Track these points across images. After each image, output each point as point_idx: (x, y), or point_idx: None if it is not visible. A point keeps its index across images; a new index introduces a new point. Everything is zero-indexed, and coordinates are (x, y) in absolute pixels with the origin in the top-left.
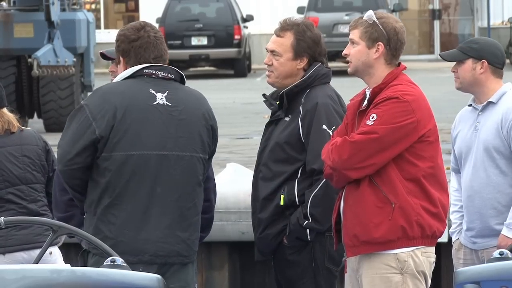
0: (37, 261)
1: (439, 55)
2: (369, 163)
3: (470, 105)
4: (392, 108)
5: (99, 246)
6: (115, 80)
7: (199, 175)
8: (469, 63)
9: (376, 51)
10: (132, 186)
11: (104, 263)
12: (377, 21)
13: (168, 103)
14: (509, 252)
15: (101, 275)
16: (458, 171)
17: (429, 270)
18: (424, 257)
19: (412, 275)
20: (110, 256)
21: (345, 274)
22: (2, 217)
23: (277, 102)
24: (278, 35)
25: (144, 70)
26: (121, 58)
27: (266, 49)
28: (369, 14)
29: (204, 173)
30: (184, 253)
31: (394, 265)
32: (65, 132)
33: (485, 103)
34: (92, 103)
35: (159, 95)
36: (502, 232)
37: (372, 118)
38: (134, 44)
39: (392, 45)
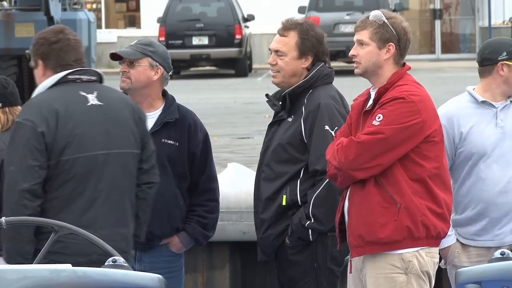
0: (38, 261)
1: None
2: (375, 163)
3: (484, 102)
4: (399, 109)
5: (100, 246)
6: (38, 90)
7: (134, 170)
8: None
9: (387, 51)
10: (80, 189)
11: (106, 263)
12: (387, 22)
13: (100, 103)
14: (510, 252)
15: (102, 275)
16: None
17: (433, 270)
18: (428, 257)
19: (417, 275)
20: (111, 256)
21: (349, 274)
22: (4, 217)
23: (280, 103)
24: (282, 35)
25: (68, 76)
26: (40, 61)
27: (269, 49)
28: (377, 14)
29: (137, 168)
30: (126, 249)
31: (399, 265)
32: (13, 153)
33: (508, 101)
34: (31, 115)
35: (90, 96)
36: None
37: (378, 118)
38: (55, 47)
39: (402, 45)
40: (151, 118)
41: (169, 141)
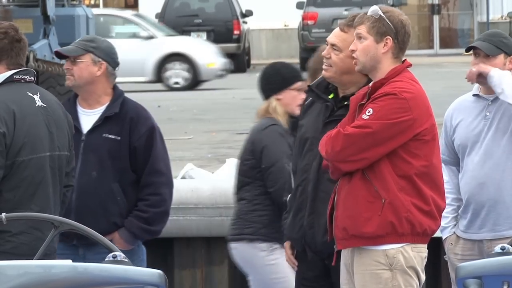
0: (38, 257)
1: (473, 45)
2: (361, 157)
3: (475, 95)
4: (389, 104)
5: (101, 241)
6: None
7: (64, 173)
8: (501, 58)
9: (384, 45)
10: (31, 190)
11: (106, 259)
12: (384, 15)
13: (44, 104)
14: (510, 247)
15: (103, 270)
16: (450, 162)
17: (421, 265)
18: (415, 253)
19: (402, 271)
20: (112, 251)
21: (333, 265)
22: (4, 213)
23: (330, 96)
24: (342, 30)
25: (14, 76)
26: None
27: (326, 41)
28: (374, 9)
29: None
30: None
31: (383, 261)
32: None
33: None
34: None
35: (36, 97)
36: None
37: (368, 112)
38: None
39: (400, 38)
40: (96, 114)
41: (111, 136)
